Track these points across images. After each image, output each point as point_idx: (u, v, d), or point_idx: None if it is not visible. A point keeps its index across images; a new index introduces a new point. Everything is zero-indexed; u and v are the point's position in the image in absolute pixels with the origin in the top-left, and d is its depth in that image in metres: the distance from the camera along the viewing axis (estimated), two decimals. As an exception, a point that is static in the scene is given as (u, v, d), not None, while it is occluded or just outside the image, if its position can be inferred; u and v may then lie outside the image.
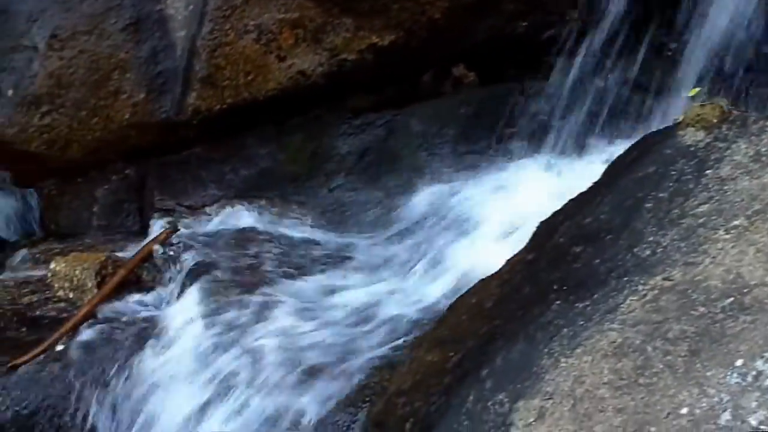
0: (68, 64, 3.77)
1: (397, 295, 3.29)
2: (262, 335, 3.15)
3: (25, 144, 3.82)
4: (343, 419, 2.83)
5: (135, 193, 3.95)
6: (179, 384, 3.13)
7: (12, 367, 3.22)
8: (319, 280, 3.43)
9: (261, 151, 3.89)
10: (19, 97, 3.79)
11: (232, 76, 3.76)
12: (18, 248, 4.11)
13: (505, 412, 1.99)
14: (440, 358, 2.42)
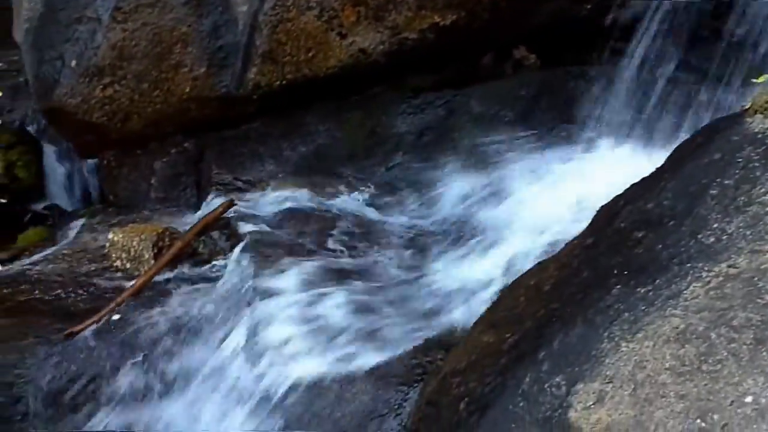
0: (131, 37, 3.79)
1: (450, 276, 3.27)
2: (314, 310, 3.16)
3: (86, 115, 3.85)
4: (394, 397, 2.82)
5: (193, 166, 3.98)
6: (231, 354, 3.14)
7: (69, 334, 3.26)
8: (373, 257, 3.43)
9: (319, 128, 3.89)
10: (82, 68, 3.82)
11: (293, 52, 3.75)
12: (76, 218, 4.16)
13: (562, 394, 1.98)
14: (496, 339, 2.41)
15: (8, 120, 4.67)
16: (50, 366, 3.22)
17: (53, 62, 3.86)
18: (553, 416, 1.97)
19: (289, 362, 3.04)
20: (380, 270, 3.37)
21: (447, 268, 3.32)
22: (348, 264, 3.39)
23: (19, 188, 4.54)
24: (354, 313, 3.14)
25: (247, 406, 3.00)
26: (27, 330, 3.30)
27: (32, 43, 3.90)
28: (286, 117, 3.91)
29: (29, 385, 3.19)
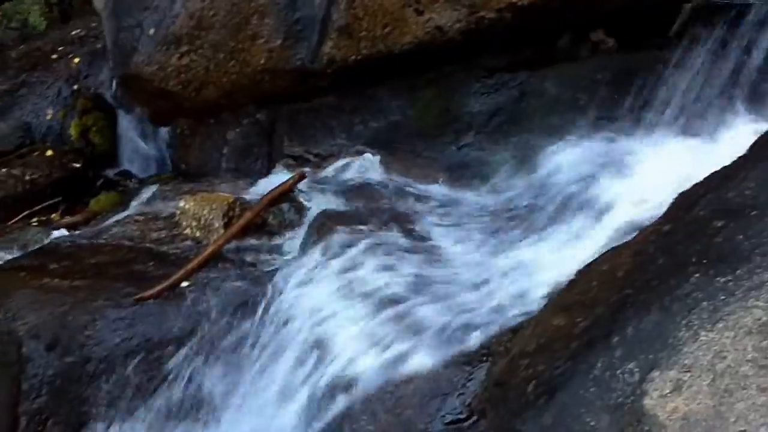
0: (209, 6, 3.81)
1: (517, 258, 3.25)
2: (381, 286, 3.16)
3: (162, 82, 3.89)
4: (458, 377, 2.82)
5: (265, 137, 3.99)
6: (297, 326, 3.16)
7: (139, 299, 3.30)
8: (442, 235, 3.42)
9: (392, 104, 3.88)
10: (159, 36, 3.85)
11: (370, 27, 3.74)
12: (148, 185, 4.21)
13: (635, 381, 1.96)
14: (567, 323, 2.39)
15: (84, 86, 4.74)
16: (120, 329, 3.27)
17: (132, 30, 3.90)
18: (626, 403, 1.95)
19: (353, 338, 3.05)
20: (447, 248, 3.36)
21: (513, 249, 3.30)
22: (415, 241, 3.38)
23: (93, 153, 4.61)
24: (419, 291, 3.14)
25: (309, 381, 3.01)
26: (98, 293, 3.34)
27: (112, 10, 3.94)
28: (358, 92, 3.91)
29: (99, 347, 3.24)
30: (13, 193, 4.47)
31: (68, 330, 3.25)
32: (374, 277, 3.20)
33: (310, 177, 3.68)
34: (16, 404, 3.23)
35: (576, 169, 3.48)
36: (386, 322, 3.05)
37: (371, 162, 3.78)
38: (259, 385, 3.12)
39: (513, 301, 3.02)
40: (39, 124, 4.73)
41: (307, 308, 3.19)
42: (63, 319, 3.27)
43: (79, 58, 4.82)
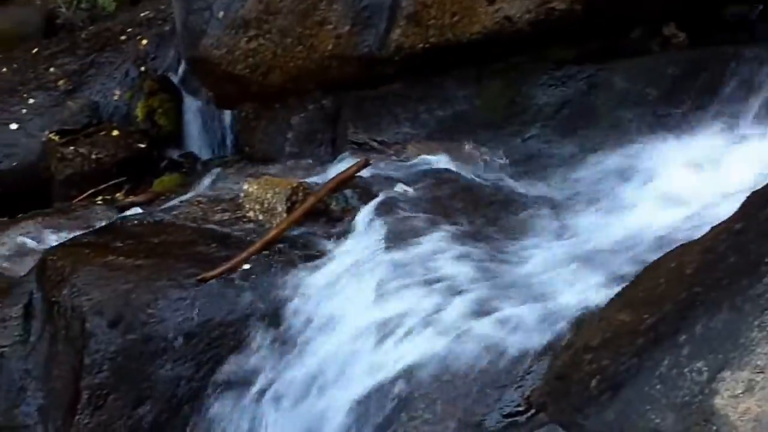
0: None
1: (578, 250, 3.22)
2: (442, 274, 3.15)
3: (230, 66, 3.91)
4: (517, 369, 2.80)
5: (330, 123, 4.00)
6: (357, 312, 3.16)
7: (201, 280, 3.32)
8: (503, 225, 3.40)
9: (458, 94, 3.87)
10: (228, 19, 3.87)
11: (438, 15, 3.73)
12: (211, 167, 4.24)
13: (703, 380, 1.93)
14: (633, 319, 2.37)
15: (151, 68, 4.79)
16: (181, 309, 3.29)
17: (201, 12, 3.92)
18: (693, 402, 1.93)
19: (413, 326, 3.05)
20: (509, 239, 3.35)
21: (576, 242, 3.27)
22: (477, 231, 3.37)
23: (158, 135, 4.66)
24: (479, 281, 3.13)
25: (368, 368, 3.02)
26: (161, 272, 3.37)
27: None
28: (425, 80, 3.90)
29: (160, 325, 3.27)
30: (80, 172, 4.54)
31: (131, 308, 3.29)
32: (435, 265, 3.19)
33: (373, 164, 3.67)
34: (78, 378, 3.29)
35: (644, 165, 3.44)
36: (446, 311, 3.04)
37: (436, 151, 3.77)
38: (317, 368, 3.12)
39: (574, 293, 3.00)
40: (106, 104, 4.79)
41: (366, 293, 3.19)
42: (126, 297, 3.30)
43: (147, 40, 4.87)
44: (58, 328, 3.38)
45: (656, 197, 3.28)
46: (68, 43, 5.03)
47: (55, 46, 5.05)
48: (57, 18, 5.31)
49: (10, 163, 4.75)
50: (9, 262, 4.01)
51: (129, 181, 4.50)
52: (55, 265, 3.44)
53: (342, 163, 3.77)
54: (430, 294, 3.10)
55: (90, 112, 4.76)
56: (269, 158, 4.03)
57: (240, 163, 4.11)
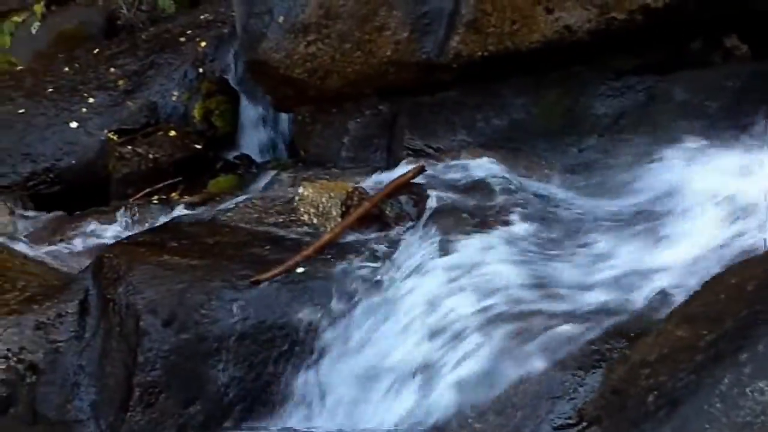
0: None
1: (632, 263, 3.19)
2: (494, 282, 3.14)
3: (288, 69, 3.93)
4: (570, 381, 2.78)
5: (386, 129, 4.01)
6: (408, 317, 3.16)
7: (254, 282, 3.33)
8: (557, 236, 3.38)
9: (515, 102, 3.86)
10: (288, 24, 3.89)
11: (498, 23, 3.73)
12: (266, 169, 4.26)
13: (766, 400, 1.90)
14: (691, 335, 2.34)
15: (210, 69, 4.83)
16: (235, 310, 3.31)
17: (262, 16, 3.95)
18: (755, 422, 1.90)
19: (464, 334, 3.04)
20: (563, 249, 3.32)
21: (630, 255, 3.23)
22: (531, 240, 3.35)
23: (214, 136, 4.70)
24: (532, 291, 3.11)
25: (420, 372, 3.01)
26: (215, 273, 3.39)
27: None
28: (482, 88, 3.90)
29: (213, 326, 3.29)
30: (137, 171, 4.59)
31: (185, 307, 3.31)
32: (488, 273, 3.18)
33: (429, 171, 3.67)
34: (131, 375, 3.31)
35: (702, 178, 3.40)
36: (498, 319, 3.03)
37: (491, 159, 3.75)
38: (370, 374, 3.13)
39: (628, 305, 2.97)
40: (164, 105, 4.84)
41: (420, 300, 3.18)
42: (181, 297, 3.32)
43: (205, 42, 4.92)
44: (112, 325, 3.41)
45: (715, 211, 3.24)
46: (129, 44, 5.09)
47: (116, 46, 5.11)
48: (118, 19, 5.38)
49: (70, 161, 4.81)
50: (66, 258, 4.06)
51: (184, 182, 4.54)
52: (111, 263, 3.48)
53: (397, 169, 3.78)
54: (483, 301, 3.09)
55: (148, 113, 4.81)
56: (324, 162, 4.05)
57: (295, 166, 4.13)
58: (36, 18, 5.45)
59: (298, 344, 3.23)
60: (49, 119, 4.89)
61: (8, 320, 3.52)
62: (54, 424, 3.44)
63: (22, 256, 3.93)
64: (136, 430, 3.29)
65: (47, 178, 4.82)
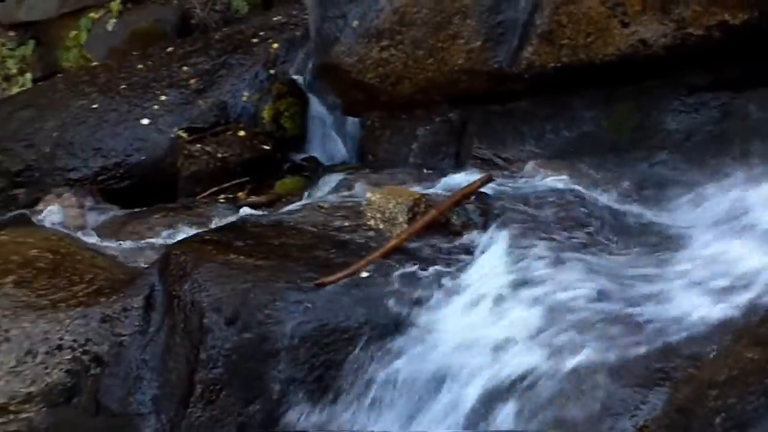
0: (414, 3, 3.85)
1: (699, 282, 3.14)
2: (559, 295, 3.12)
3: (360, 74, 3.94)
4: (631, 398, 2.75)
5: (455, 137, 4.00)
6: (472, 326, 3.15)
7: (319, 284, 3.34)
8: (626, 251, 3.35)
9: (586, 115, 3.83)
10: (362, 28, 3.91)
11: (572, 35, 3.71)
12: (333, 172, 4.27)
13: (838, 427, 1.86)
14: (762, 357, 2.31)
15: (280, 71, 4.87)
16: (298, 311, 3.32)
17: (336, 20, 3.97)
18: (826, 448, 1.85)
19: (527, 345, 3.02)
20: (630, 263, 3.29)
21: (698, 272, 3.19)
22: (598, 254, 3.32)
23: (282, 137, 4.72)
24: (596, 305, 3.09)
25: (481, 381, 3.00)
26: (280, 274, 3.40)
27: (319, 0, 4.02)
28: (552, 99, 3.88)
29: (276, 326, 3.30)
30: (205, 169, 4.63)
31: (248, 307, 3.33)
32: (553, 285, 3.16)
33: (496, 180, 3.66)
34: (193, 372, 3.34)
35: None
36: (562, 333, 3.01)
37: (560, 170, 3.73)
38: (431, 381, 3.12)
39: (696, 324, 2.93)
40: (234, 105, 4.88)
41: (483, 309, 3.17)
42: (245, 296, 3.34)
43: (277, 44, 4.95)
44: (176, 321, 3.44)
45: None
46: (202, 43, 5.14)
47: (189, 45, 5.17)
48: (192, 18, 5.44)
49: (140, 157, 4.88)
50: (132, 253, 4.10)
51: (251, 182, 4.57)
52: (177, 260, 3.51)
53: (465, 178, 3.77)
54: (547, 313, 3.07)
55: (218, 112, 4.85)
56: (392, 168, 4.05)
57: (363, 170, 4.13)
58: (112, 15, 5.53)
59: (359, 348, 3.23)
60: (121, 115, 4.97)
61: (75, 312, 3.58)
62: (115, 416, 3.48)
63: (90, 250, 3.99)
64: (196, 426, 3.32)
65: (117, 173, 4.88)
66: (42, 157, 4.96)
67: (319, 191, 4.06)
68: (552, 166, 3.74)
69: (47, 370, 3.51)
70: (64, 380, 3.49)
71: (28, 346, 3.54)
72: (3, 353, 3.54)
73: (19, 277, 3.70)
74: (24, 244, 3.89)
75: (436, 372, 3.10)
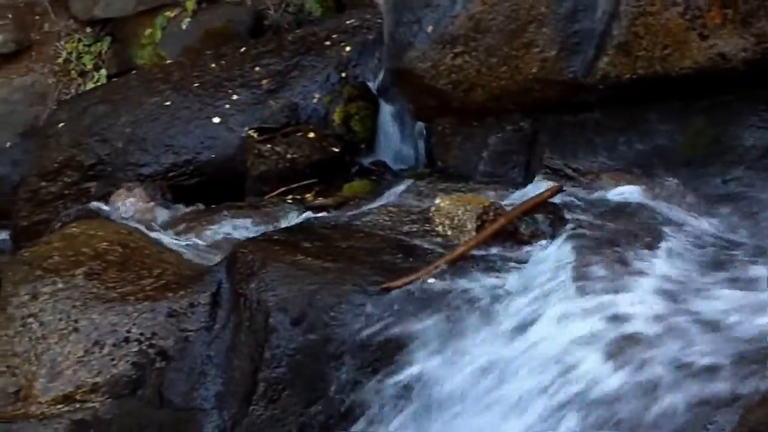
0: (490, 10, 3.84)
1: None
2: (627, 310, 3.08)
3: (433, 80, 3.94)
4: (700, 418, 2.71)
5: (526, 146, 3.98)
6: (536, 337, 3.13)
7: (385, 288, 3.34)
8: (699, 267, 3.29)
9: (660, 128, 3.79)
10: (437, 34, 3.90)
11: (649, 47, 3.67)
12: (402, 177, 4.27)
13: None
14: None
15: (352, 74, 4.88)
16: (363, 315, 3.33)
17: (410, 25, 3.96)
18: None
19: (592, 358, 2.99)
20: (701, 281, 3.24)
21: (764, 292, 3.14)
22: (668, 270, 3.27)
23: (352, 140, 4.73)
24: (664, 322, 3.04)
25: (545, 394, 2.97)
26: (346, 276, 3.41)
27: (393, 5, 4.03)
28: (626, 111, 3.84)
29: (341, 329, 3.31)
30: (274, 169, 4.65)
31: (314, 308, 3.34)
32: (621, 300, 3.12)
33: (567, 190, 3.63)
34: (256, 370, 3.37)
35: None
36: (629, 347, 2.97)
37: (632, 183, 3.69)
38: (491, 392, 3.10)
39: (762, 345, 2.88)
40: (305, 106, 4.90)
41: (547, 321, 3.15)
42: (311, 297, 3.36)
43: (350, 47, 4.95)
44: (242, 319, 3.47)
45: None
46: (274, 44, 5.17)
47: (262, 46, 5.19)
48: (265, 19, 5.48)
49: (210, 155, 4.92)
50: (199, 249, 4.15)
51: (319, 183, 4.58)
52: (245, 259, 3.54)
53: (534, 187, 3.75)
54: (612, 328, 3.03)
55: (289, 113, 4.87)
56: (461, 175, 4.04)
57: (431, 176, 4.13)
58: (187, 14, 5.59)
59: (423, 355, 3.23)
60: (193, 113, 5.01)
61: (143, 305, 3.64)
62: (178, 410, 3.52)
63: (158, 245, 4.04)
64: (257, 424, 3.34)
65: (187, 171, 4.93)
66: (114, 152, 5.03)
67: (387, 196, 4.06)
68: (624, 178, 3.70)
69: (113, 361, 3.57)
70: (130, 372, 3.54)
71: (96, 337, 3.61)
72: (71, 343, 3.61)
73: (90, 269, 3.77)
74: (95, 237, 3.95)
75: (499, 381, 3.08)
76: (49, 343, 3.62)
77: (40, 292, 3.70)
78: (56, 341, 3.61)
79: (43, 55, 5.90)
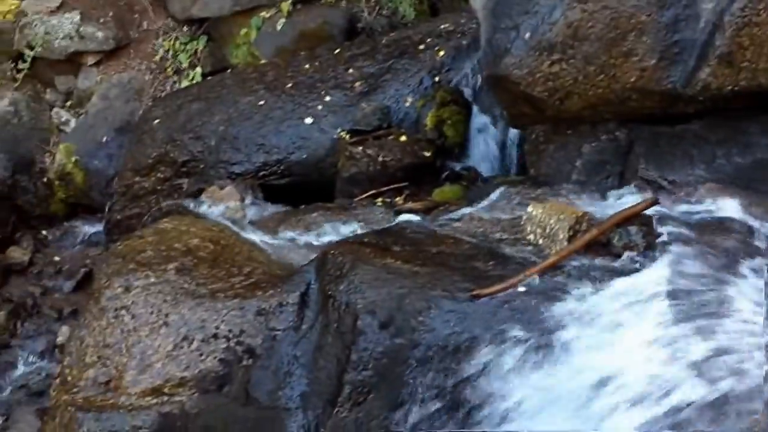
0: (589, 18, 3.79)
1: None
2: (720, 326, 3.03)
3: (529, 87, 3.90)
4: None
5: (620, 156, 3.93)
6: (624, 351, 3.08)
7: (474, 295, 3.33)
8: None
9: (762, 142, 3.71)
10: (534, 41, 3.87)
11: (753, 58, 3.59)
12: (494, 184, 4.24)
13: None
14: None
15: (445, 79, 4.86)
16: (452, 321, 3.31)
17: (508, 32, 3.93)
18: None
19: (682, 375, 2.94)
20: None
21: None
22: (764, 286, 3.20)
23: (443, 145, 4.72)
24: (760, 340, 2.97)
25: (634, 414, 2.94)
26: (437, 282, 3.40)
27: (491, 11, 4.00)
28: (726, 124, 3.76)
29: (429, 334, 3.30)
30: (365, 171, 4.66)
31: (403, 312, 3.34)
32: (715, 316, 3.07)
33: (662, 203, 3.57)
34: (343, 372, 3.38)
35: None
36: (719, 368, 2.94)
37: (730, 198, 3.60)
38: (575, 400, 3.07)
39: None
40: (397, 110, 4.90)
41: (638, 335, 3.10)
42: (400, 301, 3.36)
43: (444, 51, 4.94)
44: (330, 320, 3.48)
45: None
46: (368, 47, 5.18)
47: (356, 48, 5.21)
48: (359, 21, 5.49)
49: (301, 155, 4.95)
50: (289, 249, 4.17)
51: (410, 187, 4.58)
52: (335, 260, 3.55)
53: (628, 198, 3.69)
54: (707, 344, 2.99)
55: (381, 116, 4.88)
56: (554, 183, 3.99)
57: (523, 184, 4.09)
58: (282, 15, 5.64)
59: (512, 363, 3.20)
60: (285, 113, 5.05)
61: (232, 303, 3.67)
62: (263, 408, 3.54)
63: (249, 243, 4.07)
64: (341, 426, 3.35)
65: (278, 170, 4.97)
66: (207, 149, 5.10)
67: (478, 202, 4.04)
68: (723, 192, 3.61)
69: (202, 357, 3.61)
70: (217, 368, 3.58)
71: (185, 332, 3.65)
72: (161, 337, 3.66)
73: (181, 264, 3.82)
74: (186, 233, 4.00)
75: (588, 395, 3.04)
76: (140, 335, 3.67)
77: (133, 285, 3.77)
78: (147, 334, 3.67)
79: (141, 52, 6.01)
